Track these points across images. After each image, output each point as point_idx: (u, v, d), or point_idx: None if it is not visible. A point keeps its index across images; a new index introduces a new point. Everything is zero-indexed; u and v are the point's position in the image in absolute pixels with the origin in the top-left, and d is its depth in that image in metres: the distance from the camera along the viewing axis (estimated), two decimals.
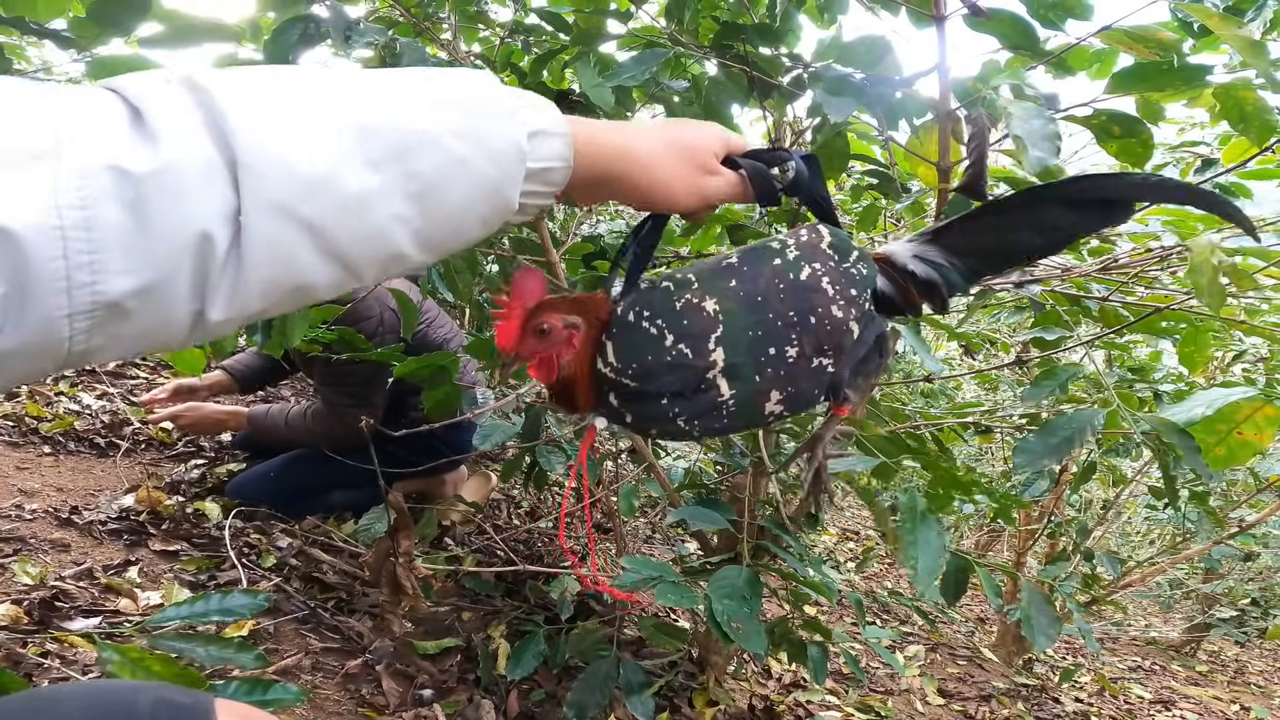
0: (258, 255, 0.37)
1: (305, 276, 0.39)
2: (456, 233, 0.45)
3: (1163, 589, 3.78)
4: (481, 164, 0.44)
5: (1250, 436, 0.97)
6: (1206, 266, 0.77)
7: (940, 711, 2.29)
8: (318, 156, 0.38)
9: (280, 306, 0.41)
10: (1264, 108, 0.78)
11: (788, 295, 0.57)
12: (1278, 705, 3.27)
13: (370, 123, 0.40)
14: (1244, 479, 2.26)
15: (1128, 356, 1.57)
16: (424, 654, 1.48)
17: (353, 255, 0.41)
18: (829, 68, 1.10)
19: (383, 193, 0.40)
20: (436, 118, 0.43)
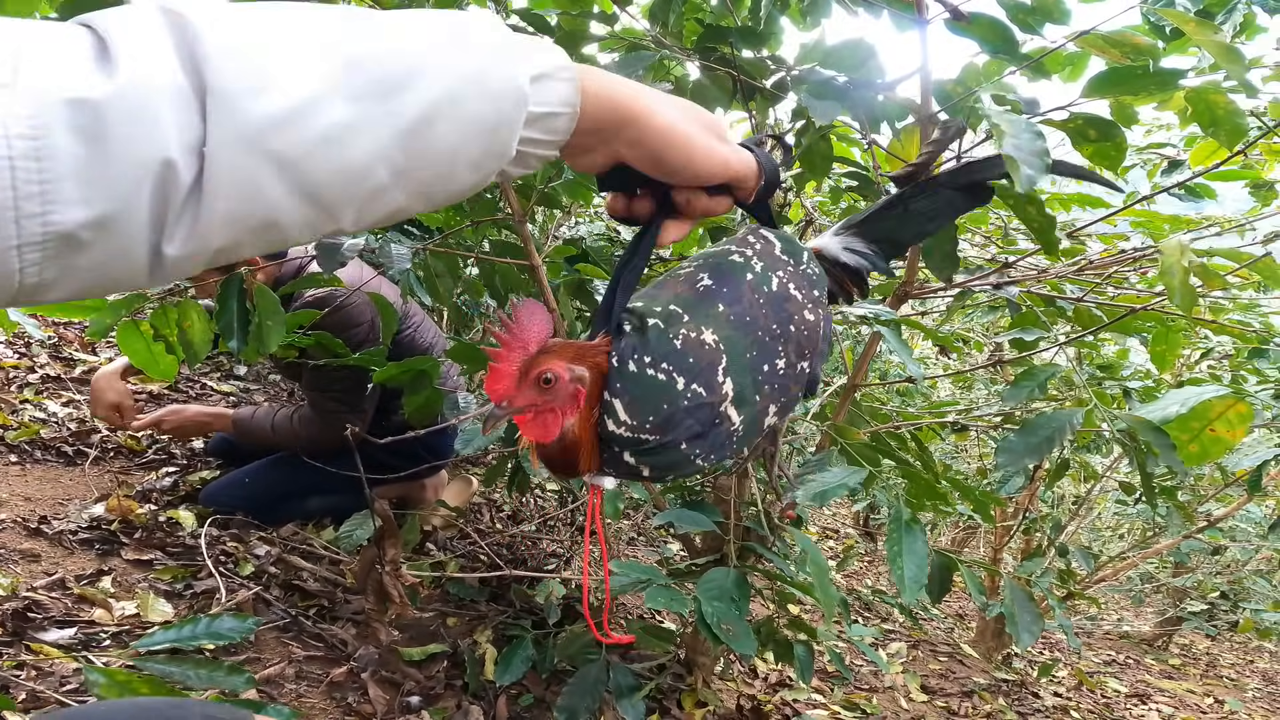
0: (222, 188, 0.35)
1: (274, 213, 0.37)
2: (445, 177, 0.42)
3: (1134, 583, 3.86)
4: (477, 103, 0.41)
5: (1223, 433, 1.00)
6: (1178, 268, 0.79)
7: (924, 708, 2.32)
8: (295, 86, 0.36)
9: (248, 244, 0.38)
10: (1235, 111, 0.81)
11: (768, 309, 0.57)
12: (1250, 698, 3.36)
13: (355, 54, 0.38)
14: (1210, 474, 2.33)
15: (1096, 355, 1.61)
16: (410, 661, 1.47)
17: (328, 193, 0.38)
18: (813, 71, 1.11)
19: (363, 127, 0.38)
20: (429, 52, 0.40)
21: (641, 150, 0.50)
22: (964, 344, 1.82)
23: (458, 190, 0.43)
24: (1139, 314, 1.01)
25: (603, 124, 0.48)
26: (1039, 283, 1.09)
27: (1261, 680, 3.83)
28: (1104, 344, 1.71)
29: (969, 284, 1.06)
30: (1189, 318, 0.91)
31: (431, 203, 0.43)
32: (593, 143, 0.49)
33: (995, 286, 1.06)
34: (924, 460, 1.32)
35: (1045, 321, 1.06)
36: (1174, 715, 2.81)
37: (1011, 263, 1.03)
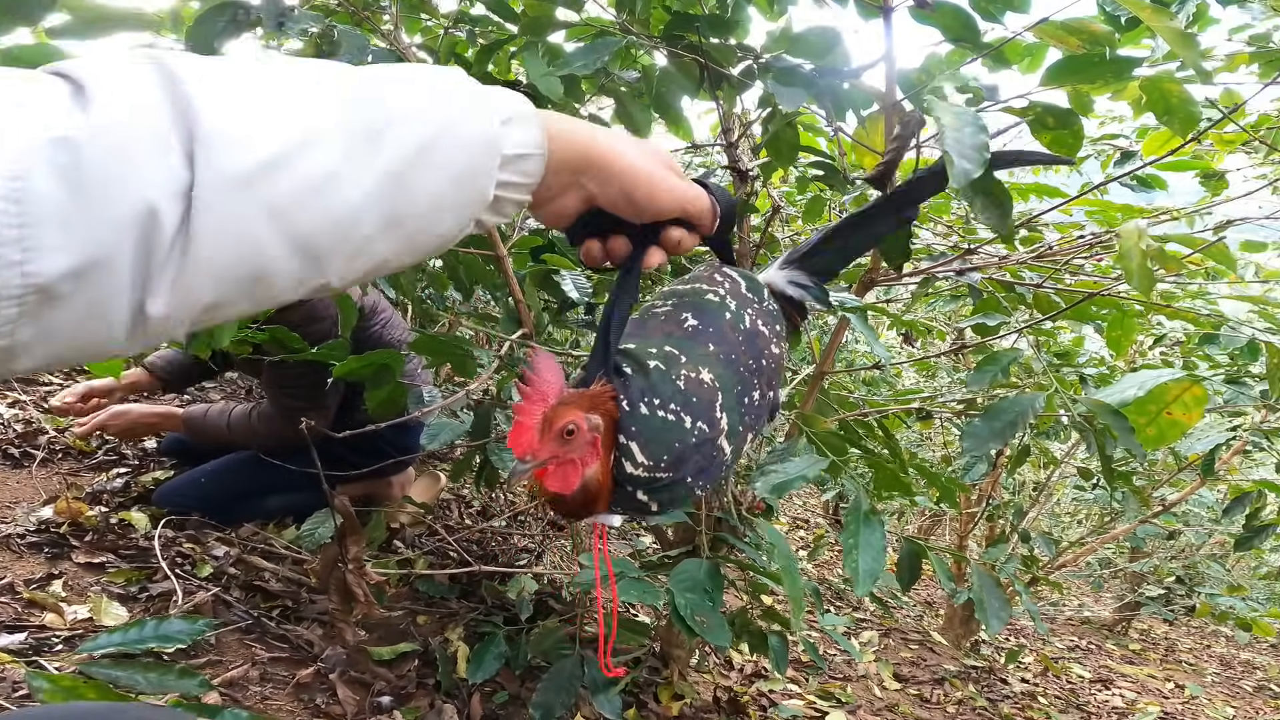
0: (209, 236, 0.33)
1: (263, 264, 0.36)
2: (429, 224, 0.43)
3: (1093, 568, 3.97)
4: (455, 150, 0.42)
5: (1179, 416, 1.02)
6: (1135, 251, 0.81)
7: (897, 696, 2.35)
8: (283, 133, 0.36)
9: (236, 301, 0.37)
10: (1188, 100, 0.83)
11: (745, 346, 0.60)
12: (1209, 682, 3.48)
13: (339, 104, 0.39)
14: (1164, 459, 2.40)
15: (1053, 343, 1.65)
16: (379, 660, 1.44)
17: (317, 242, 0.37)
18: (779, 58, 1.12)
19: (350, 176, 0.38)
20: (403, 103, 0.41)
21: (610, 188, 0.51)
22: (929, 332, 1.85)
23: (441, 238, 0.44)
24: (1095, 300, 1.03)
25: (570, 164, 0.49)
26: (1000, 269, 1.11)
27: (1219, 665, 3.96)
28: (1060, 332, 1.75)
29: (932, 270, 1.08)
30: (1147, 301, 0.94)
31: (416, 252, 0.44)
32: (563, 183, 0.51)
33: (958, 273, 1.07)
34: (890, 448, 1.33)
35: (1006, 307, 1.08)
36: (1136, 700, 2.89)
37: (973, 249, 1.05)
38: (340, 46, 0.94)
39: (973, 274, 1.07)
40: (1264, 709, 3.23)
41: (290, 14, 0.93)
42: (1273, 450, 1.61)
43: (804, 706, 1.99)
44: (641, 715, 1.62)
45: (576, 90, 1.32)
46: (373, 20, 1.25)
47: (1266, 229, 1.28)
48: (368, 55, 0.97)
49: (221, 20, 0.91)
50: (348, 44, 0.95)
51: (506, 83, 1.32)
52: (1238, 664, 4.07)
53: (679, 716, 1.66)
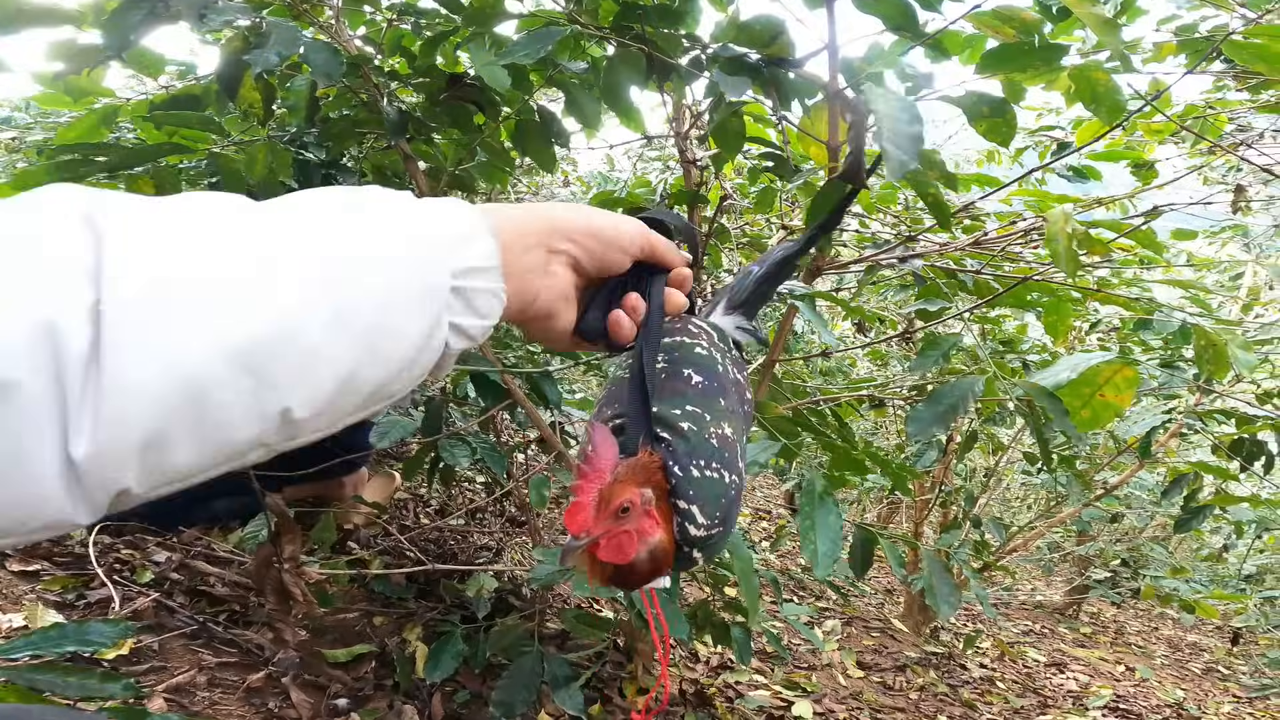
0: (125, 352, 0.29)
1: (200, 383, 0.31)
2: (387, 323, 0.39)
3: (1043, 553, 4.08)
4: (408, 306, 0.40)
5: (1112, 398, 1.06)
6: (1062, 235, 0.84)
7: (861, 684, 2.38)
8: (201, 248, 0.33)
9: (180, 435, 0.32)
10: (1114, 88, 0.85)
11: (738, 397, 0.63)
12: (1159, 665, 3.60)
13: (315, 274, 0.36)
14: (1105, 442, 2.48)
15: (998, 330, 1.69)
16: (335, 662, 1.41)
17: (257, 353, 0.33)
18: (726, 48, 1.12)
19: (280, 281, 0.36)
20: (369, 270, 0.38)
21: (578, 238, 0.50)
22: (881, 322, 1.88)
23: (408, 340, 0.40)
24: (1032, 286, 1.06)
25: (533, 230, 0.48)
26: (942, 257, 1.14)
27: (1167, 647, 4.10)
28: (1005, 320, 1.80)
29: (876, 258, 1.10)
30: (1075, 286, 0.97)
31: (386, 362, 0.39)
32: (535, 258, 0.48)
33: (901, 260, 1.09)
34: (844, 435, 1.35)
35: (947, 293, 1.10)
36: (1090, 683, 2.98)
37: (914, 236, 1.07)
38: (269, 39, 0.92)
39: (915, 261, 1.09)
40: (1213, 690, 3.35)
41: (213, 6, 0.90)
42: (1207, 433, 1.67)
43: (770, 697, 2.01)
44: (606, 710, 1.62)
45: (525, 82, 1.31)
46: (312, 14, 1.23)
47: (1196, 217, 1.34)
48: (299, 47, 0.94)
49: (139, 13, 0.88)
50: (278, 36, 0.92)
51: (453, 75, 1.31)
52: (1185, 646, 4.21)
53: (644, 710, 1.66)
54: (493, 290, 0.44)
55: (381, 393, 0.40)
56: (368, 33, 1.43)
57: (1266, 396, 1.64)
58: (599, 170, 2.30)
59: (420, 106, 1.29)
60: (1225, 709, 3.01)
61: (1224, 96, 1.38)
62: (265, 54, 0.88)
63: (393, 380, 0.40)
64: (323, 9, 1.27)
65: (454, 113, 1.27)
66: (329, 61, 0.95)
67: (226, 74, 1.00)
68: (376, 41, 1.37)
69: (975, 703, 2.49)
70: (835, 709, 2.14)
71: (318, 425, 0.38)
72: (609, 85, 1.27)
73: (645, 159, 2.08)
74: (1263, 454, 1.64)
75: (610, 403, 0.61)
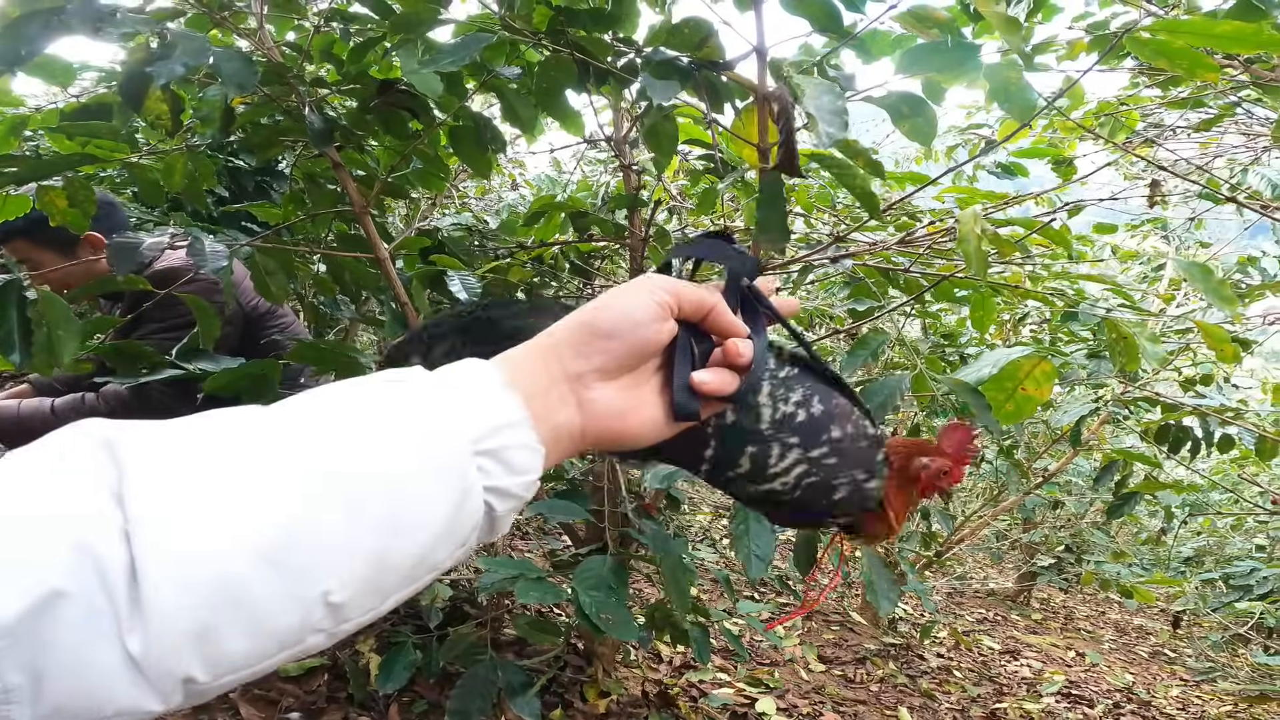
0: (157, 563, 0.33)
1: (233, 581, 0.34)
2: (409, 505, 0.39)
3: (991, 541, 4.18)
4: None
5: (1032, 391, 1.09)
6: (972, 235, 0.86)
7: (823, 678, 2.41)
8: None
9: (227, 628, 0.35)
10: (1025, 86, 0.88)
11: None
12: (1107, 649, 3.71)
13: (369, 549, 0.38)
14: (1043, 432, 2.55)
15: (939, 324, 1.73)
16: (285, 676, 1.38)
17: (277, 545, 0.36)
18: (658, 51, 1.13)
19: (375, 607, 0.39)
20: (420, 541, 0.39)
21: (597, 347, 0.46)
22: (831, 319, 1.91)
23: (431, 528, 0.40)
24: (956, 282, 1.09)
25: (541, 379, 0.45)
26: (874, 256, 1.16)
27: (1115, 631, 4.24)
28: (946, 314, 1.84)
29: (809, 258, 1.11)
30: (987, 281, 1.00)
31: (407, 540, 0.39)
32: (559, 396, 0.45)
33: (832, 260, 1.11)
34: None
35: (876, 291, 1.13)
36: (1043, 670, 3.06)
37: (844, 236, 1.09)
38: (175, 49, 0.89)
39: (845, 261, 1.11)
40: (1160, 674, 3.47)
41: (110, 17, 0.87)
42: (1135, 420, 1.73)
43: (734, 694, 2.02)
44: (568, 715, 1.61)
45: (459, 87, 1.30)
46: (231, 21, 1.20)
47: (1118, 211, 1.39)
48: (207, 58, 0.92)
49: (34, 26, 0.85)
50: (184, 47, 0.90)
51: (385, 81, 1.29)
52: (1131, 630, 4.36)
53: (607, 714, 1.65)
54: (526, 444, 0.42)
55: (424, 565, 0.40)
56: (296, 39, 1.41)
57: (1189, 383, 1.71)
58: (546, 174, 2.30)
59: (351, 114, 1.27)
60: (1174, 692, 3.12)
61: (1141, 93, 1.44)
62: (170, 65, 0.86)
63: (431, 553, 0.40)
64: (245, 16, 1.24)
65: (387, 119, 1.26)
66: (241, 71, 0.93)
67: (130, 85, 0.97)
68: (303, 48, 1.34)
69: (934, 692, 2.54)
70: (799, 703, 2.16)
71: (366, 604, 0.39)
72: (542, 90, 1.27)
73: (591, 161, 2.08)
74: (1188, 439, 1.71)
75: (825, 393, 0.59)
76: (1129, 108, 1.37)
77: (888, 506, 0.62)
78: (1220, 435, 1.67)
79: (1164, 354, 0.94)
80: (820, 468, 0.59)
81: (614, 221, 1.42)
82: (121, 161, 1.10)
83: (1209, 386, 1.70)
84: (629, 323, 0.46)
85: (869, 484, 0.60)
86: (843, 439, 0.59)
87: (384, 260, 1.19)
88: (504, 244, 1.53)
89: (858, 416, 0.61)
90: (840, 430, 0.59)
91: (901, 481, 0.62)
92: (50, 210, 1.16)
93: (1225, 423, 1.47)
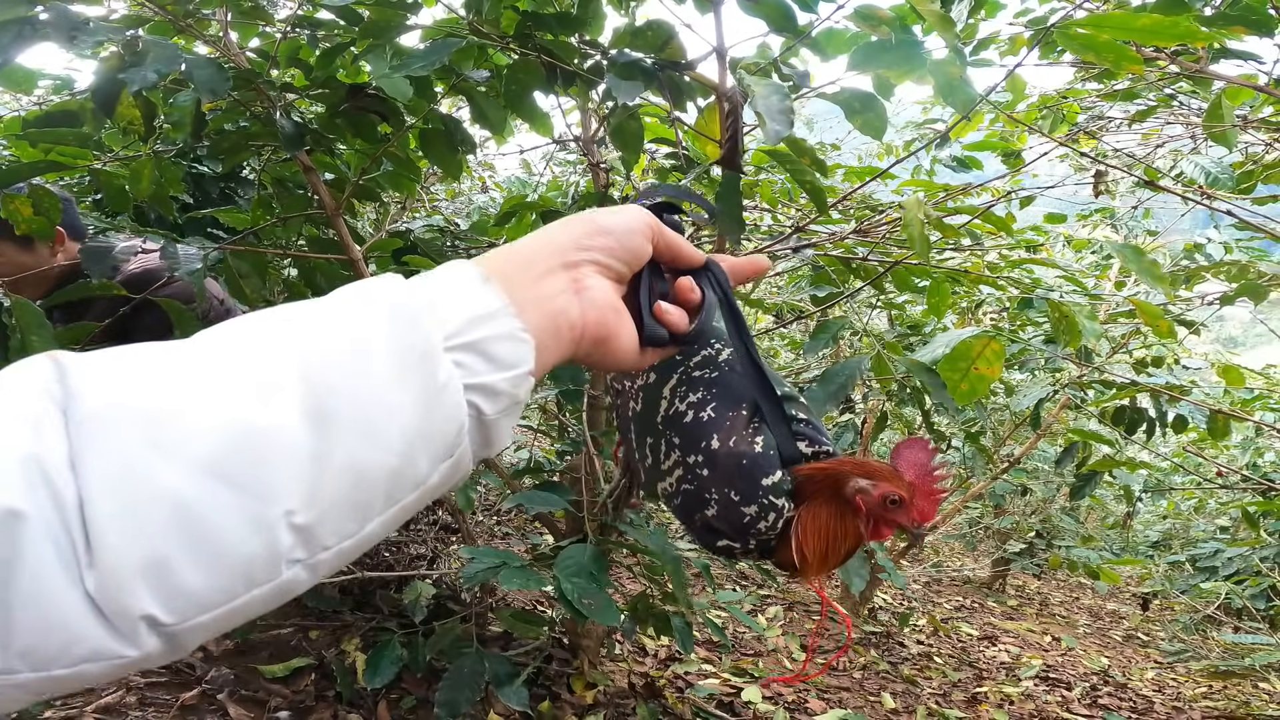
0: (101, 485, 0.30)
1: (180, 503, 0.31)
2: (383, 416, 0.36)
3: (963, 528, 4.26)
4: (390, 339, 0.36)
5: (984, 370, 1.14)
6: (915, 221, 0.91)
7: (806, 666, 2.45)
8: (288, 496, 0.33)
9: (180, 558, 0.31)
10: (965, 80, 0.93)
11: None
12: (1082, 634, 3.80)
13: (343, 462, 0.35)
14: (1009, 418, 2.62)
15: (904, 315, 1.79)
16: (273, 677, 1.39)
17: (232, 462, 0.32)
18: (622, 53, 1.17)
19: (368, 530, 0.35)
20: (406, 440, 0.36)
21: (603, 244, 0.45)
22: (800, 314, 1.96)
23: (402, 430, 0.36)
24: (913, 270, 1.14)
25: (535, 269, 0.43)
26: (834, 245, 1.21)
27: (1089, 616, 4.33)
28: (911, 305, 1.90)
29: (770, 248, 1.15)
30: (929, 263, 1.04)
31: (377, 445, 0.36)
32: (559, 280, 0.43)
33: (794, 250, 1.15)
34: None
35: (835, 279, 1.17)
36: (1020, 654, 3.13)
37: (802, 226, 1.13)
38: (146, 56, 0.91)
39: (806, 250, 1.15)
40: (1135, 656, 3.55)
41: (85, 26, 0.89)
42: (1092, 402, 1.80)
43: (720, 685, 2.05)
44: (555, 707, 1.63)
45: (428, 90, 1.33)
46: (196, 29, 1.21)
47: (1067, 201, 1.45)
48: (179, 64, 0.94)
49: (7, 35, 0.86)
50: (155, 54, 0.92)
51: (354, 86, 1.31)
52: (1105, 614, 4.47)
53: (594, 705, 1.67)
54: (509, 333, 0.39)
55: (405, 479, 0.36)
56: (261, 45, 1.42)
57: (1140, 365, 1.78)
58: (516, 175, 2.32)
59: (321, 118, 1.29)
60: (1149, 675, 3.21)
61: (1083, 86, 1.51)
62: (143, 72, 0.88)
63: (409, 463, 0.36)
64: (208, 23, 1.25)
65: (356, 123, 1.28)
66: (213, 78, 0.95)
67: (102, 91, 0.99)
68: (269, 55, 1.36)
69: (915, 678, 2.59)
70: (784, 692, 2.20)
71: (342, 528, 0.35)
72: (511, 92, 1.30)
73: (561, 162, 2.11)
74: (1144, 420, 1.78)
75: (731, 400, 0.56)
76: (1069, 100, 1.43)
77: (797, 536, 0.53)
78: (1174, 416, 1.74)
79: (1101, 330, 0.99)
80: (695, 476, 0.56)
81: None
82: (88, 168, 1.11)
83: (1160, 369, 1.77)
84: (625, 226, 0.46)
85: (744, 507, 0.53)
86: (718, 451, 0.55)
87: (357, 261, 1.21)
88: (476, 244, 1.56)
89: (750, 432, 0.55)
90: (719, 442, 0.55)
91: (827, 511, 0.54)
92: (15, 219, 1.16)
93: (1174, 400, 1.53)
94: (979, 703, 2.50)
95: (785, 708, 2.12)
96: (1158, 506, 4.52)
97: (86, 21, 0.88)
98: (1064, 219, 1.62)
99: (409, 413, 0.36)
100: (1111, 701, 2.76)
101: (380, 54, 1.23)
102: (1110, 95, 1.31)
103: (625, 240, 0.46)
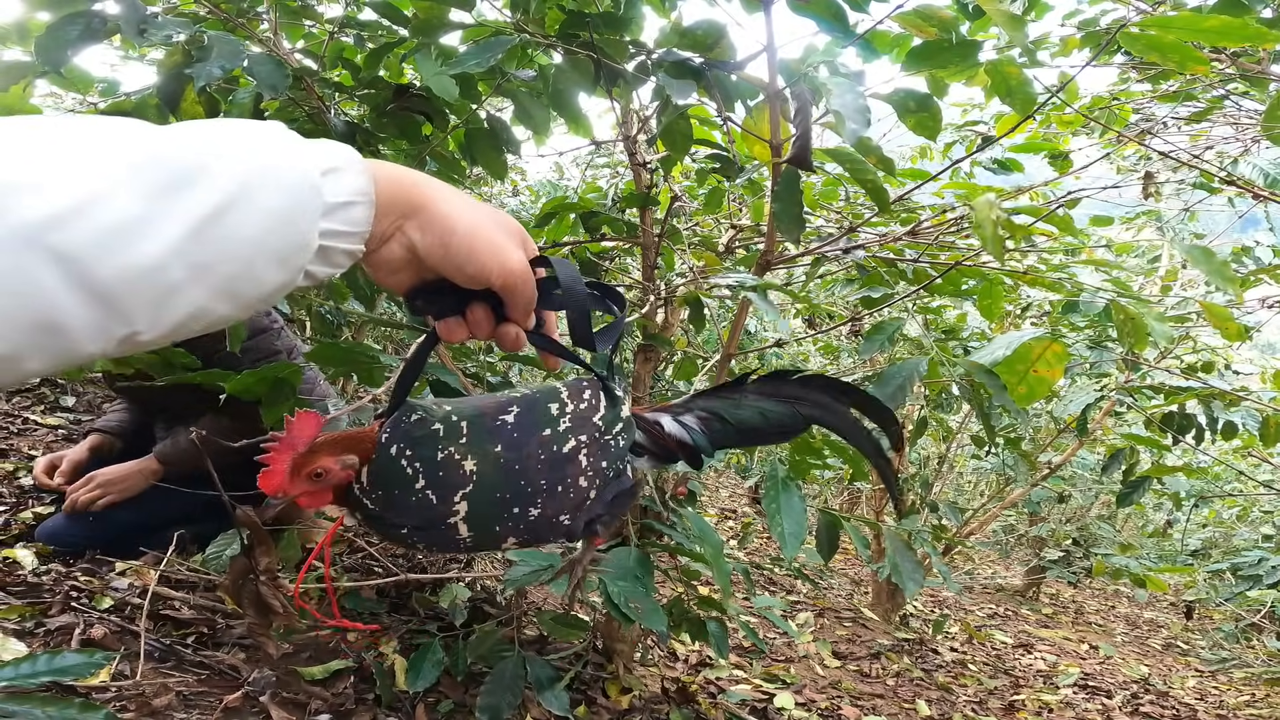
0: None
1: (52, 312, 0.35)
2: (247, 271, 0.42)
3: (999, 535, 4.21)
4: (270, 195, 0.42)
5: (1044, 372, 1.12)
6: (987, 221, 0.90)
7: (839, 673, 2.42)
8: (75, 183, 0.36)
9: (29, 353, 0.36)
10: (1025, 80, 0.92)
11: (545, 468, 0.61)
12: (1120, 642, 3.73)
13: (141, 154, 0.38)
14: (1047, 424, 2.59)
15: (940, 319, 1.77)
16: (313, 680, 1.40)
17: (116, 290, 0.36)
18: (670, 52, 1.17)
19: (152, 221, 0.37)
20: (217, 150, 0.41)
21: (429, 235, 0.51)
22: (830, 318, 1.95)
23: (267, 288, 0.43)
24: (965, 271, 1.13)
25: (395, 206, 0.49)
26: (882, 248, 1.20)
27: (1126, 624, 4.25)
28: (946, 310, 1.88)
29: (821, 249, 1.15)
30: (1003, 270, 1.03)
31: (239, 303, 0.42)
32: (385, 228, 0.50)
33: (844, 251, 1.15)
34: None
35: (889, 280, 1.16)
36: (1057, 663, 3.08)
37: (855, 227, 1.13)
38: (211, 52, 0.92)
39: (857, 252, 1.14)
40: (1175, 665, 3.48)
41: (153, 20, 0.90)
42: (1139, 408, 1.77)
43: (751, 690, 2.03)
44: (591, 711, 1.62)
45: (472, 91, 1.34)
46: (248, 26, 1.23)
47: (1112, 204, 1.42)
48: (242, 60, 0.95)
49: (75, 29, 0.88)
50: (219, 49, 0.93)
51: (399, 86, 1.33)
52: (1142, 623, 4.38)
53: (629, 709, 1.67)
54: (350, 252, 0.47)
55: (225, 315, 0.43)
56: (307, 45, 1.44)
57: (1191, 370, 1.74)
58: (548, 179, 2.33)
59: (366, 117, 1.31)
60: (1190, 683, 3.13)
61: (1130, 88, 1.48)
62: (208, 67, 0.89)
63: (241, 311, 0.43)
64: (258, 22, 1.27)
65: (401, 123, 1.29)
66: (274, 74, 0.96)
67: (168, 88, 1.01)
68: (317, 54, 1.38)
69: (950, 685, 2.55)
70: (816, 698, 2.17)
71: (155, 338, 0.40)
72: (558, 92, 1.31)
73: (594, 165, 2.11)
74: (1193, 426, 1.74)
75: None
76: (1122, 102, 1.41)
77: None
78: (1224, 422, 1.70)
79: (1170, 332, 0.97)
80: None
81: (625, 221, 1.45)
82: None
83: (1210, 374, 1.73)
84: (469, 261, 0.51)
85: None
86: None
87: None
88: None
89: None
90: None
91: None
92: None
93: (1232, 404, 1.50)
94: (1016, 710, 2.46)
95: (819, 714, 2.10)
96: (1198, 515, 4.43)
97: (154, 16, 0.89)
98: (1110, 222, 1.60)
99: (279, 273, 0.43)
100: (1154, 710, 2.70)
101: (426, 54, 1.25)
102: (1170, 97, 1.29)
103: (447, 263, 0.52)
